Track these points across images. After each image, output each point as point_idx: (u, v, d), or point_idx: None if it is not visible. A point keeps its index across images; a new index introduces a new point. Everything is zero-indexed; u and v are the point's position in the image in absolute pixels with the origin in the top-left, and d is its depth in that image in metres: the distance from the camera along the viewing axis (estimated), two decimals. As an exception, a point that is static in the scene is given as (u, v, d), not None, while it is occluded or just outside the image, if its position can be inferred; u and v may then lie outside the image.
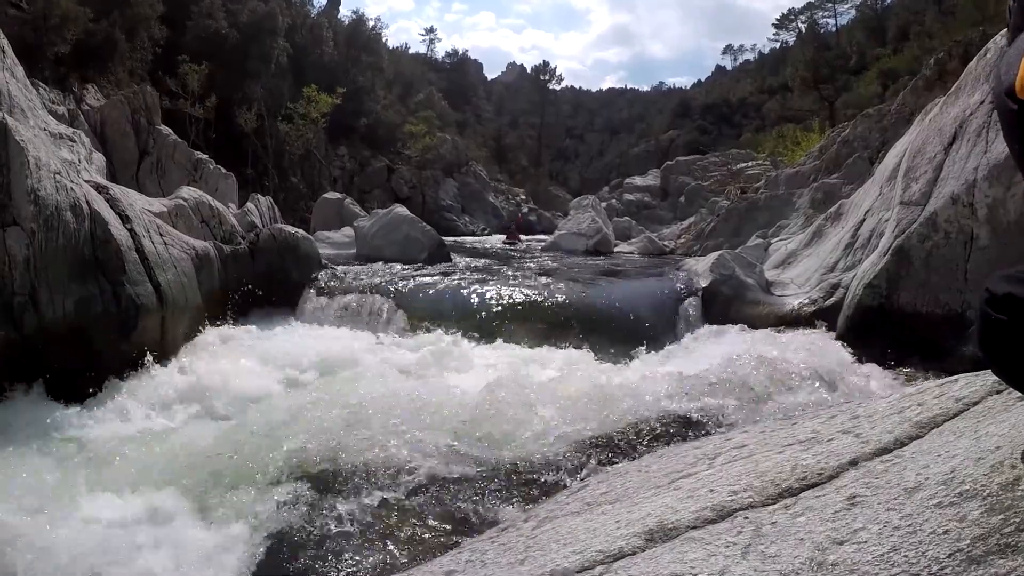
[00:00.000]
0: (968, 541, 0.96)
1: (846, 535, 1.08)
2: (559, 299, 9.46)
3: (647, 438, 5.11)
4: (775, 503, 1.30)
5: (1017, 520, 0.96)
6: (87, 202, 6.63)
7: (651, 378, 6.50)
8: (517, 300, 9.55)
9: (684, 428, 5.25)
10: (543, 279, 10.74)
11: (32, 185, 6.02)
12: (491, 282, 10.48)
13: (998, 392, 1.45)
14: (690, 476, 1.64)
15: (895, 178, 7.65)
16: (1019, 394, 1.29)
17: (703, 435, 4.85)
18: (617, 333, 8.48)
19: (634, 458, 4.04)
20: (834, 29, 56.62)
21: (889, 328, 6.64)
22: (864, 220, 8.54)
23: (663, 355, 7.79)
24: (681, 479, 1.64)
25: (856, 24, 53.39)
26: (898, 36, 43.67)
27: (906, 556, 0.98)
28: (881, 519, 1.09)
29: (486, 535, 1.85)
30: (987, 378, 1.53)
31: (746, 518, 1.27)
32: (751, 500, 1.33)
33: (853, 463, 1.34)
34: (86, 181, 7.37)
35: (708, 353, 7.35)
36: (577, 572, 1.31)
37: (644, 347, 8.06)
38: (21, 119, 7.20)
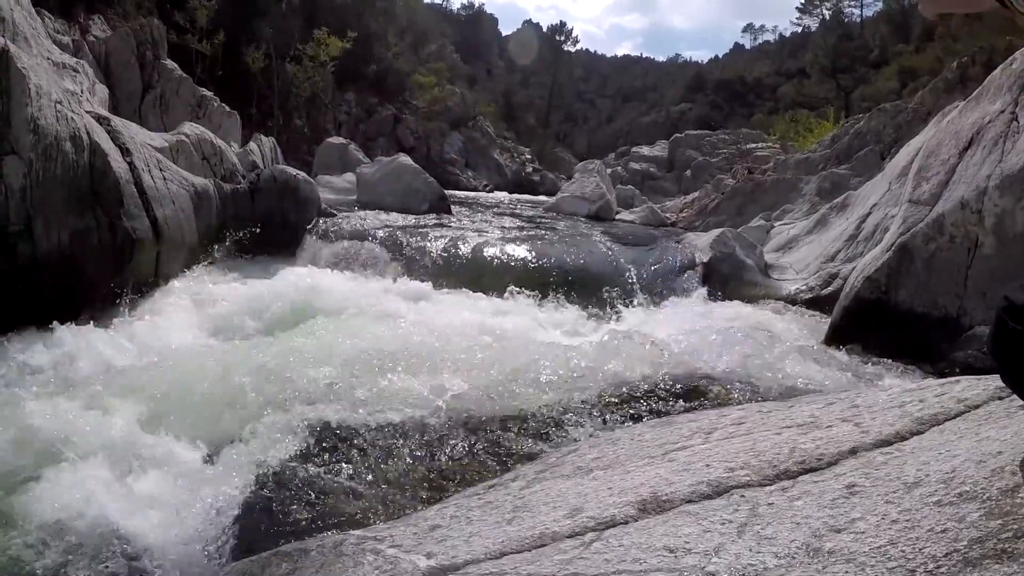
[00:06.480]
0: (965, 542, 0.97)
1: (843, 524, 1.09)
2: (557, 260, 9.46)
3: (638, 403, 5.12)
4: (772, 484, 1.30)
5: (1015, 527, 0.96)
6: (87, 133, 6.50)
7: (645, 343, 6.51)
8: (515, 258, 9.54)
9: (676, 397, 5.26)
10: (543, 239, 10.69)
11: (32, 114, 5.88)
12: (488, 238, 10.47)
13: (1000, 398, 1.45)
14: (685, 449, 1.64)
15: (906, 175, 7.59)
16: (1022, 402, 1.29)
17: (696, 406, 4.88)
18: (614, 297, 8.54)
19: (626, 425, 4.07)
20: (858, 20, 55.62)
21: (883, 323, 6.66)
22: (870, 213, 8.51)
23: (658, 321, 7.79)
24: (676, 451, 1.64)
25: (881, 17, 52.22)
26: (922, 35, 42.74)
27: (903, 551, 0.99)
28: (879, 511, 1.10)
29: (472, 491, 1.85)
30: (989, 383, 1.53)
31: (743, 496, 1.28)
32: (748, 479, 1.34)
33: (853, 452, 1.35)
34: (87, 112, 7.23)
35: (702, 324, 7.36)
36: (568, 537, 1.31)
37: (640, 313, 8.11)
38: (24, 47, 7.03)
